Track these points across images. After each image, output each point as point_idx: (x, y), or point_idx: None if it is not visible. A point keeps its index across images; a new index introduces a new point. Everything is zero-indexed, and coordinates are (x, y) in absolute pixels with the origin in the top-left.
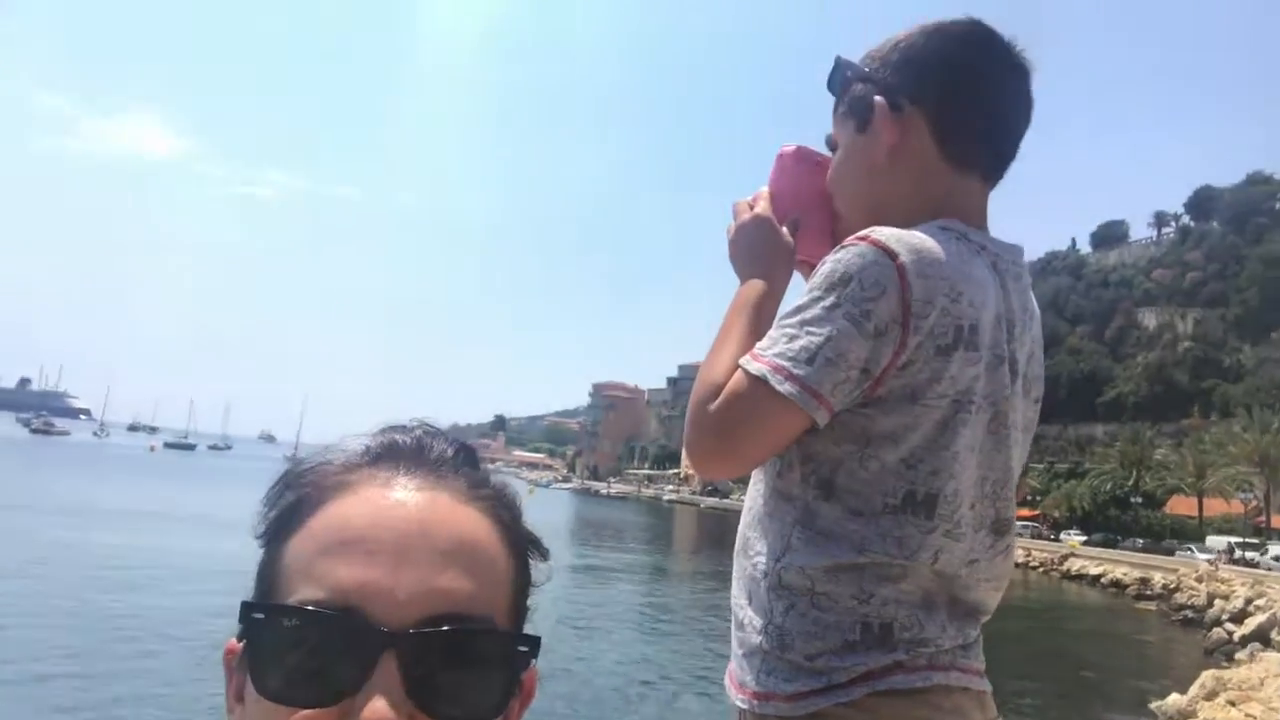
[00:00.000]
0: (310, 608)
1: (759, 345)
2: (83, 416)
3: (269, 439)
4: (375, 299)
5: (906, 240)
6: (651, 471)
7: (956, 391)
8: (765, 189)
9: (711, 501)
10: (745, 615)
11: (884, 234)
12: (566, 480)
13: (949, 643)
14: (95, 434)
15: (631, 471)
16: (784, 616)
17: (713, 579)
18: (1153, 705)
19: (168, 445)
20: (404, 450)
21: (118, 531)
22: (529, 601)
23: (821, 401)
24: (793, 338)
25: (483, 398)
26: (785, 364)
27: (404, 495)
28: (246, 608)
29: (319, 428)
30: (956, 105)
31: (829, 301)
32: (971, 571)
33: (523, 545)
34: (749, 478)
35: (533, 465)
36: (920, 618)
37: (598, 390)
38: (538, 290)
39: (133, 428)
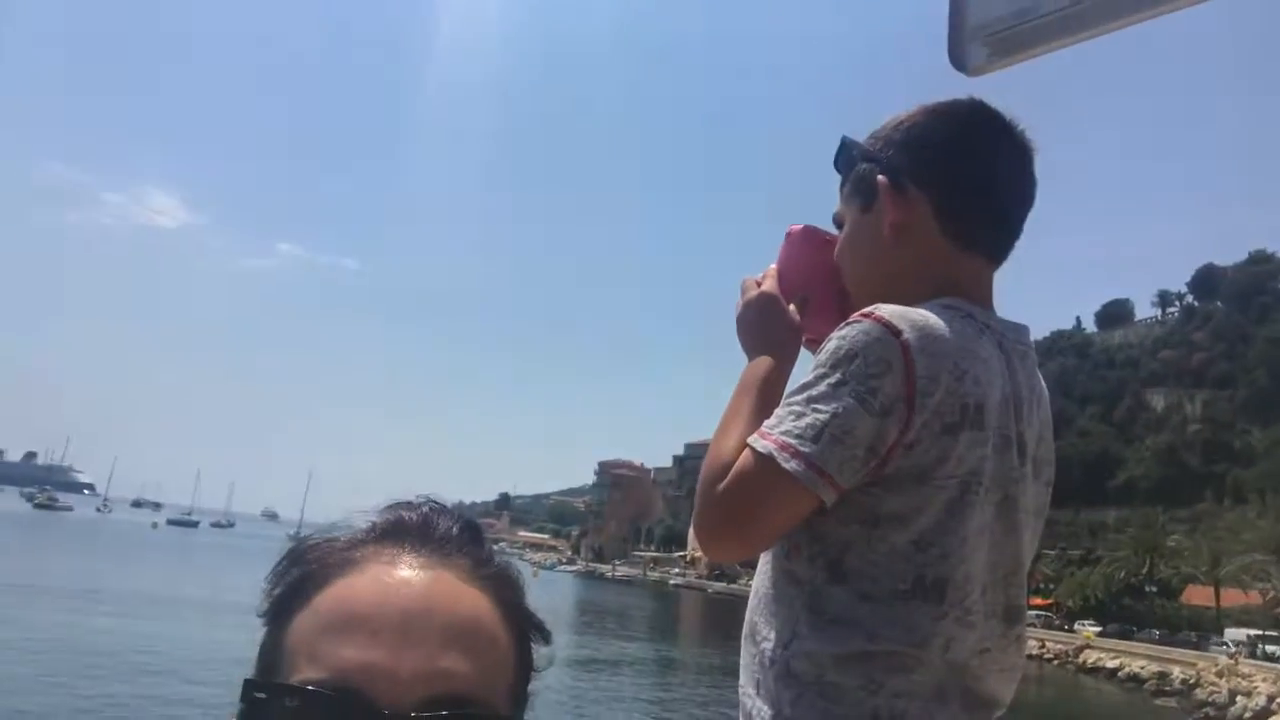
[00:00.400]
0: (312, 688)
1: (766, 423)
2: (87, 491)
3: (272, 516)
4: (378, 374)
5: (910, 317)
6: (658, 554)
7: (965, 472)
8: (774, 267)
9: (719, 586)
10: (753, 705)
11: (887, 311)
12: (571, 562)
13: None
14: (98, 509)
15: (638, 553)
16: (792, 707)
17: (720, 671)
18: None
19: (170, 522)
20: (410, 527)
21: (112, 615)
22: (530, 687)
23: (828, 480)
24: (799, 415)
25: (487, 475)
26: (792, 441)
27: (408, 574)
28: (249, 686)
29: (322, 506)
30: (958, 185)
31: (834, 379)
32: (983, 661)
33: (525, 628)
34: (757, 562)
35: (537, 546)
36: (932, 710)
37: (603, 468)
38: (544, 365)
39: (137, 503)
